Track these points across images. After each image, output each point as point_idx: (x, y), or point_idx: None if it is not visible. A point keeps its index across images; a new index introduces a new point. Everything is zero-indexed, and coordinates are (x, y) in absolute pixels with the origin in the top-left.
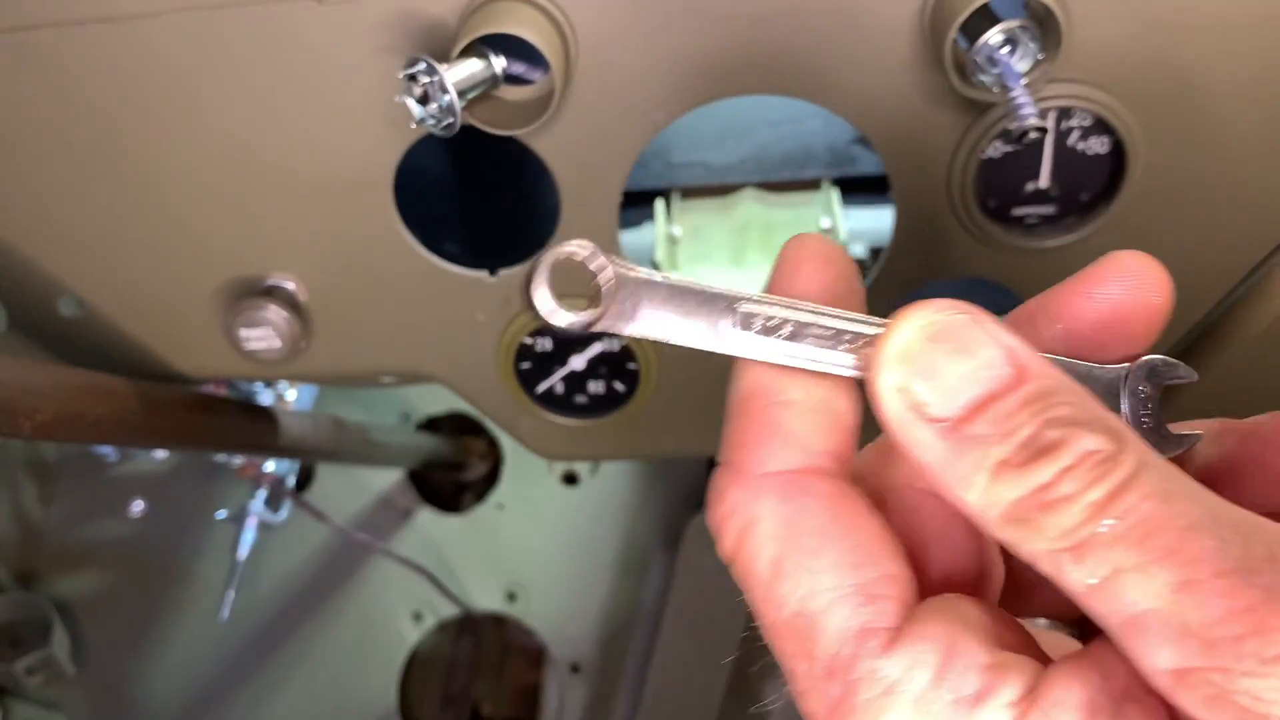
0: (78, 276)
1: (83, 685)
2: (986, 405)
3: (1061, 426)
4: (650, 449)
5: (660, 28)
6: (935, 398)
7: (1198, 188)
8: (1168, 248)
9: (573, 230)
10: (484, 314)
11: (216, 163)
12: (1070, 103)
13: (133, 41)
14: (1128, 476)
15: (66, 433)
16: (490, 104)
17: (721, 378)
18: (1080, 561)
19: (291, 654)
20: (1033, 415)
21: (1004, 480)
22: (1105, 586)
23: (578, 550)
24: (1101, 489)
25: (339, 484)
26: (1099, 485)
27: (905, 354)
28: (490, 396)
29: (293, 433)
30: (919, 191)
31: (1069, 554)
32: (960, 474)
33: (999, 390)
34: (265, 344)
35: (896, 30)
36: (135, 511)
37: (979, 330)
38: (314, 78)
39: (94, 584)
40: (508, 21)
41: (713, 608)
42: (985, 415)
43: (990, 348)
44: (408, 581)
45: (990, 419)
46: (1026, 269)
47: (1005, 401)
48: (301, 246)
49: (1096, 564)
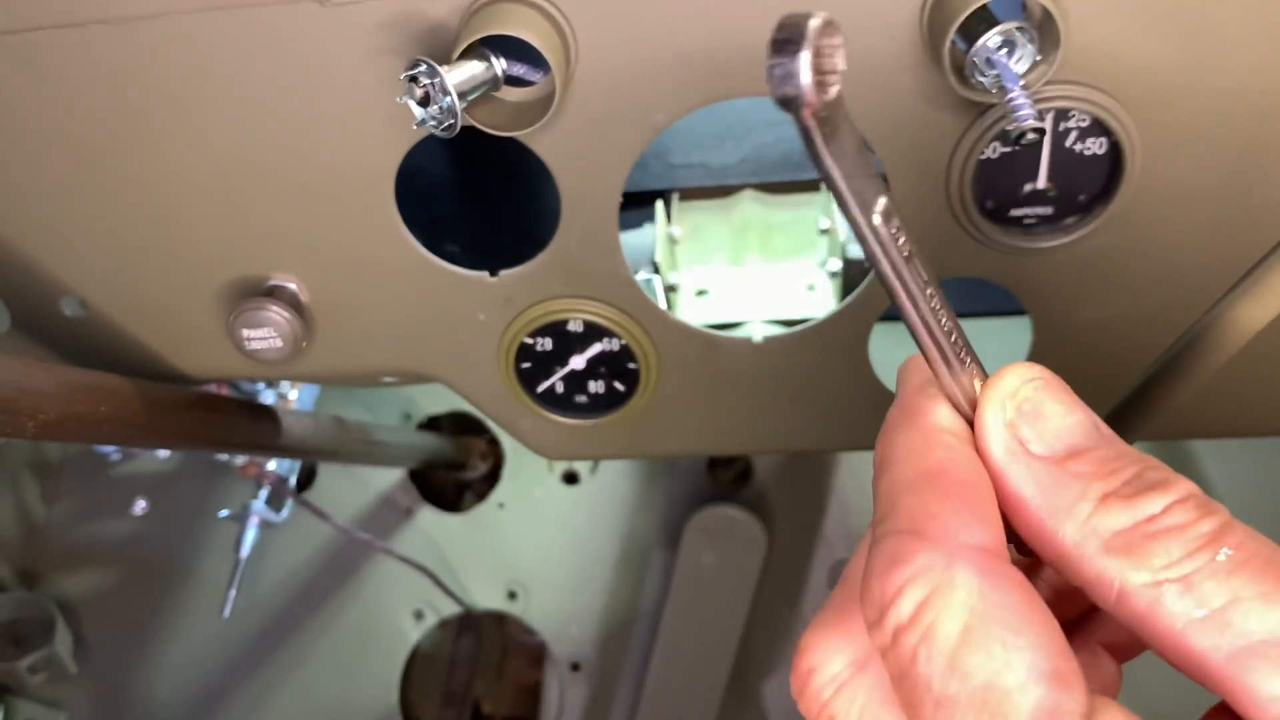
0: (80, 277)
1: (85, 684)
2: (1086, 452)
3: (1162, 472)
4: (650, 448)
5: (660, 29)
6: (1038, 438)
7: (1195, 188)
8: (1165, 248)
9: (573, 231)
10: (485, 314)
11: (218, 163)
12: (1068, 104)
13: (134, 43)
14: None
15: (69, 432)
16: (491, 105)
17: (721, 378)
18: (1189, 592)
19: (293, 652)
20: (1131, 462)
21: (1110, 509)
22: (1216, 617)
23: (578, 549)
24: (1212, 521)
25: (341, 483)
26: (1209, 519)
27: (1015, 395)
28: (491, 396)
29: (294, 432)
30: (917, 192)
31: (1177, 584)
32: (1061, 504)
33: (1095, 444)
34: (267, 344)
35: (895, 32)
36: (138, 510)
37: (1073, 395)
38: (315, 79)
39: (97, 583)
40: (508, 23)
41: (713, 606)
42: (1086, 458)
43: (1083, 412)
44: (409, 580)
45: (1091, 461)
46: (1024, 269)
47: (1102, 451)
48: (303, 247)
49: (1210, 594)
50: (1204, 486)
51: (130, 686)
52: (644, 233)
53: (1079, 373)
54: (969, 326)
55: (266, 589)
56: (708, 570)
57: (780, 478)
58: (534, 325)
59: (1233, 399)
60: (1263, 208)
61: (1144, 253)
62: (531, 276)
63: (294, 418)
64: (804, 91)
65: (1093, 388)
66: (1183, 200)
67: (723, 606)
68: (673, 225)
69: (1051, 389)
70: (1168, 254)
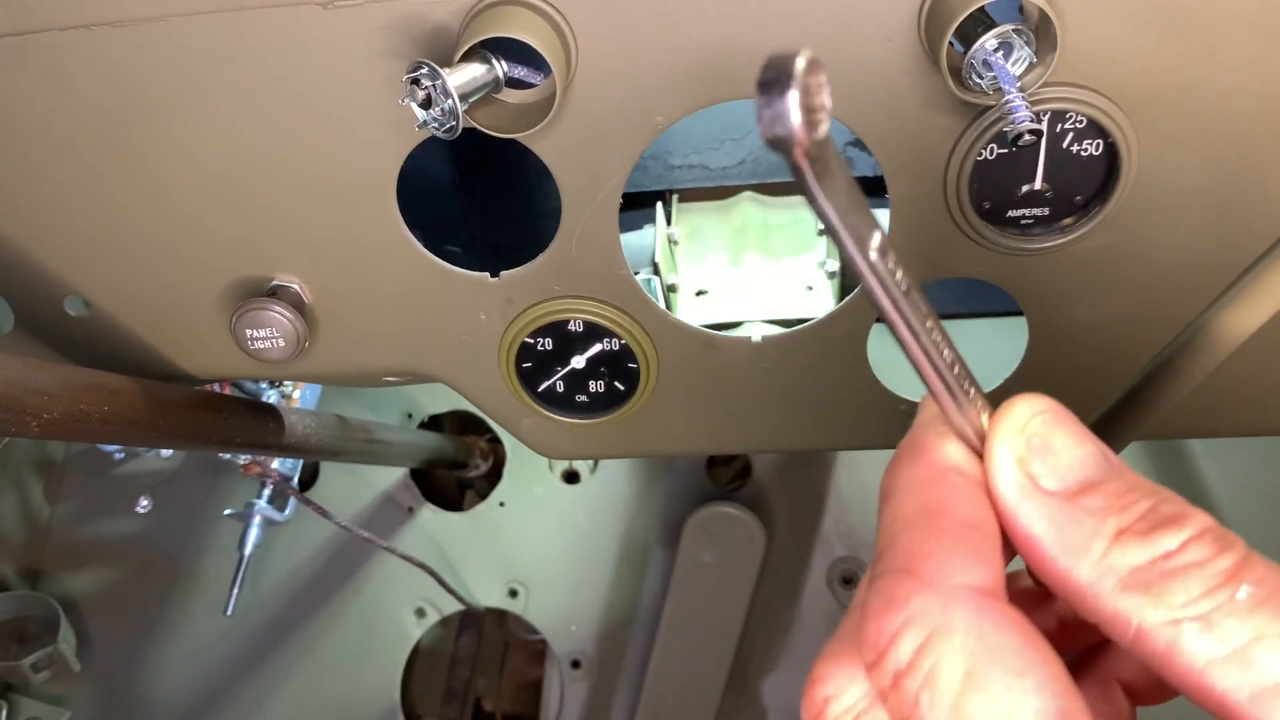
0: (84, 277)
1: (89, 681)
2: (1098, 486)
3: (1177, 505)
4: (650, 447)
5: (660, 31)
6: (1049, 473)
7: (1190, 189)
8: (1161, 249)
9: (573, 231)
10: (486, 314)
11: (221, 165)
12: (1064, 105)
13: (139, 45)
14: (1247, 549)
15: (73, 432)
16: (492, 107)
17: (720, 378)
18: (1210, 630)
19: (296, 649)
20: (1145, 495)
21: (1126, 546)
22: (1238, 656)
23: (579, 547)
24: (1231, 557)
25: (343, 482)
26: (1227, 554)
27: (1025, 429)
28: (492, 396)
29: (297, 431)
30: (915, 193)
31: (1197, 623)
32: (1074, 542)
33: (1107, 477)
34: (270, 344)
35: (893, 34)
36: (141, 509)
37: (1082, 426)
38: (318, 81)
39: (100, 581)
40: (509, 25)
41: (712, 604)
42: (1099, 492)
43: (1093, 443)
44: (411, 578)
45: (1104, 495)
46: (1021, 270)
47: (1115, 484)
48: (306, 247)
49: (1232, 632)
50: (1202, 486)
51: (133, 684)
52: (644, 233)
53: (1075, 373)
54: (966, 326)
55: (269, 587)
56: (707, 568)
57: (779, 476)
58: (535, 325)
59: (1229, 398)
60: (1258, 208)
61: (1140, 253)
62: (532, 277)
63: (297, 417)
64: (794, 131)
65: (1089, 387)
66: (1178, 201)
67: (722, 604)
68: (672, 226)
69: (1061, 421)
70: (1163, 254)
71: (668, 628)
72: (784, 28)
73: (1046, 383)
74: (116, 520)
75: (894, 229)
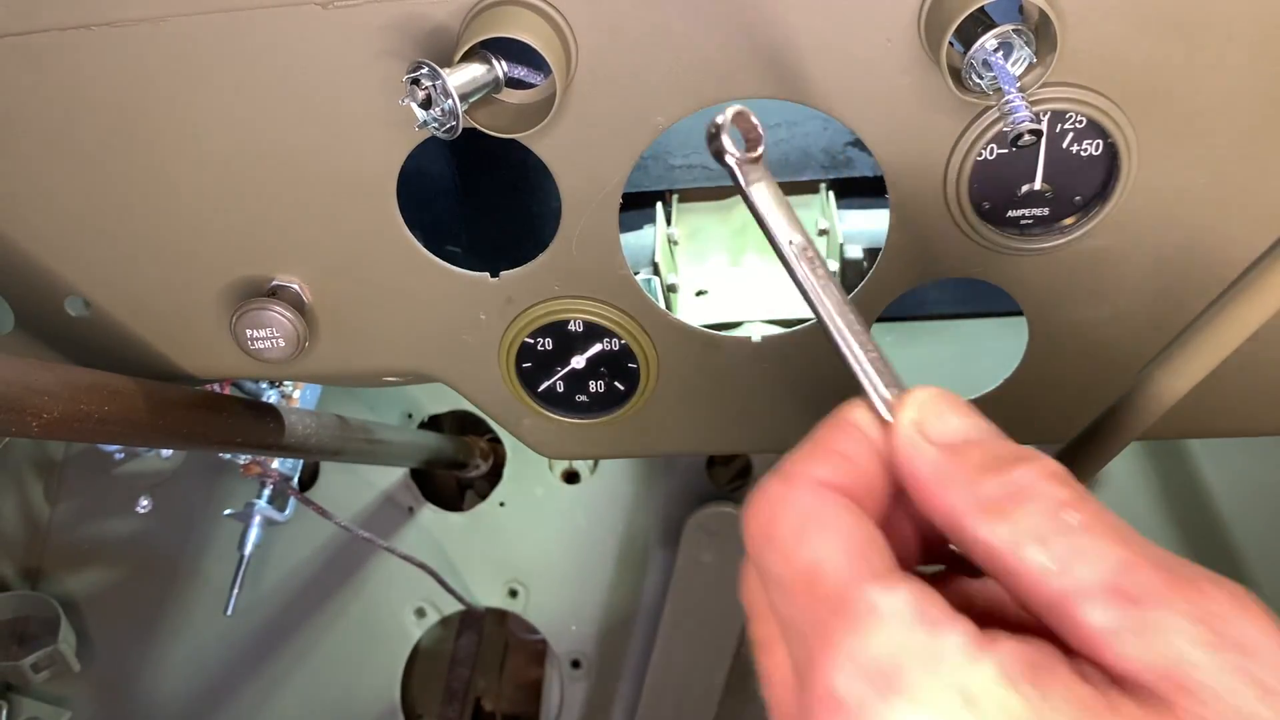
0: (84, 277)
1: (89, 681)
2: (976, 444)
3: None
4: (650, 447)
5: (660, 32)
6: (937, 431)
7: (1190, 189)
8: (1160, 248)
9: (573, 232)
10: (486, 314)
11: (222, 165)
12: (1064, 106)
13: (139, 45)
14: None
15: (73, 432)
16: (492, 107)
17: (720, 378)
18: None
19: (296, 649)
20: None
21: (986, 480)
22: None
23: (579, 547)
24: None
25: (343, 482)
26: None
27: (924, 403)
28: (492, 396)
29: (297, 431)
30: (915, 194)
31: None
32: (948, 476)
33: (983, 438)
34: (270, 344)
35: (892, 35)
36: (141, 509)
37: (973, 409)
38: (318, 81)
39: (100, 581)
40: (509, 26)
41: (712, 604)
42: (975, 448)
43: (979, 418)
44: (411, 578)
45: (978, 448)
46: (1020, 270)
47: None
48: (306, 248)
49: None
50: (1202, 486)
51: (133, 684)
52: (644, 233)
53: (1074, 372)
54: (966, 326)
55: (270, 587)
56: (707, 568)
57: None
58: (535, 325)
59: (1229, 399)
60: (1257, 208)
61: (1139, 253)
62: (532, 277)
63: (297, 417)
64: (733, 156)
65: (1088, 386)
66: (1178, 201)
67: (722, 604)
68: (672, 226)
69: (953, 401)
70: (1163, 254)
71: (668, 628)
72: (784, 28)
73: (1046, 383)
74: (116, 520)
75: (894, 229)
